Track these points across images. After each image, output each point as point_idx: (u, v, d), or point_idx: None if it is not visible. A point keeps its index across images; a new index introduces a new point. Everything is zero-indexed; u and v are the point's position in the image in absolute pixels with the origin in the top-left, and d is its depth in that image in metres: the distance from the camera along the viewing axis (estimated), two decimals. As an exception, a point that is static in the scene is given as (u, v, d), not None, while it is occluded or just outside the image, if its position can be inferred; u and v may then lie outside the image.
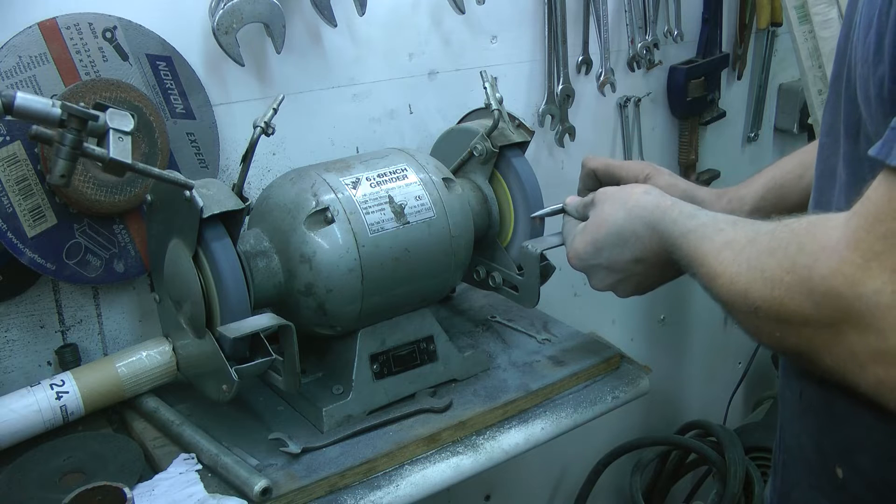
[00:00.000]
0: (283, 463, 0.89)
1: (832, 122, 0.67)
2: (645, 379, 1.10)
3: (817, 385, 0.67)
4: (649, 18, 1.58)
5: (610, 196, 0.89)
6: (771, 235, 0.62)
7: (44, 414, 0.90)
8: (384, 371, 0.99)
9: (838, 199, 0.65)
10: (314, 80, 1.20)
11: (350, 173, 0.98)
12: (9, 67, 0.92)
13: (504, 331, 1.19)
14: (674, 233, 0.77)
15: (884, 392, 0.54)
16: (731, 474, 1.58)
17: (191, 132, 1.06)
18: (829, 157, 0.68)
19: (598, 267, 0.89)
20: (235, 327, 0.84)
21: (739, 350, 2.10)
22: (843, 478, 0.66)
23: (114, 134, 0.80)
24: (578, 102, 1.52)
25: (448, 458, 0.94)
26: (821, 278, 0.55)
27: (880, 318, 0.52)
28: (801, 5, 1.46)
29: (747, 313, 0.63)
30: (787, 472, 0.76)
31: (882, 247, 0.52)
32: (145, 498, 0.82)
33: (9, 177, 0.93)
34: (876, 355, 0.53)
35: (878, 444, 0.63)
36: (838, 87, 0.65)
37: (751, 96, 1.92)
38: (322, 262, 0.92)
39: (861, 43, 0.59)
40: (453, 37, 1.33)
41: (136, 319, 1.10)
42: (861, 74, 0.59)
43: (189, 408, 0.99)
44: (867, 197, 0.54)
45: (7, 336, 1.01)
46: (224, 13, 1.04)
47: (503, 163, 1.10)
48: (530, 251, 1.02)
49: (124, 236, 1.03)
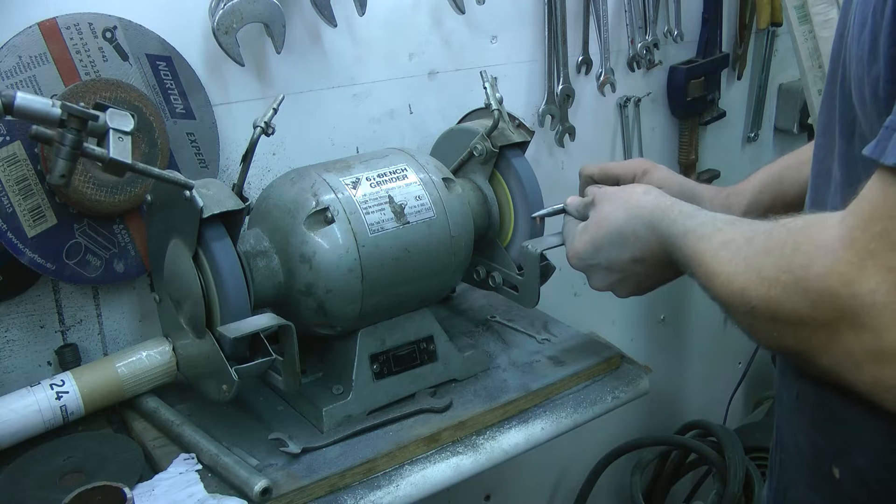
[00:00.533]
0: (283, 463, 0.89)
1: (827, 121, 0.67)
2: (645, 379, 1.10)
3: (814, 385, 0.67)
4: (649, 18, 1.58)
5: (610, 196, 0.89)
6: (767, 235, 0.62)
7: (44, 414, 0.90)
8: (384, 371, 0.99)
9: (833, 199, 0.66)
10: (314, 80, 1.20)
11: (350, 173, 0.98)
12: (9, 67, 0.92)
13: (504, 331, 1.19)
14: (673, 232, 0.77)
15: (879, 391, 0.54)
16: (731, 474, 1.58)
17: (191, 132, 1.06)
18: (825, 157, 0.68)
19: (597, 267, 0.89)
20: (235, 327, 0.84)
21: (739, 350, 2.10)
22: (839, 478, 0.66)
23: (114, 134, 0.80)
24: (578, 102, 1.52)
25: (448, 458, 0.94)
26: (816, 277, 0.55)
27: (875, 317, 0.52)
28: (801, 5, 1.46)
29: (744, 313, 0.63)
30: (784, 471, 0.76)
31: (877, 246, 0.52)
32: (145, 498, 0.82)
33: (9, 177, 0.93)
34: (871, 354, 0.53)
35: (874, 444, 0.63)
36: (833, 87, 0.65)
37: (751, 96, 1.92)
38: (322, 262, 0.92)
39: (855, 42, 0.59)
40: (453, 37, 1.33)
41: (136, 319, 1.10)
42: (856, 74, 0.59)
43: (189, 408, 0.99)
44: (862, 196, 0.54)
45: (7, 336, 1.01)
46: (224, 13, 1.04)
47: (503, 163, 1.10)
48: (530, 251, 1.02)
49: (124, 236, 1.03)
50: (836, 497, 0.67)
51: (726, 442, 1.64)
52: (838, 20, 0.66)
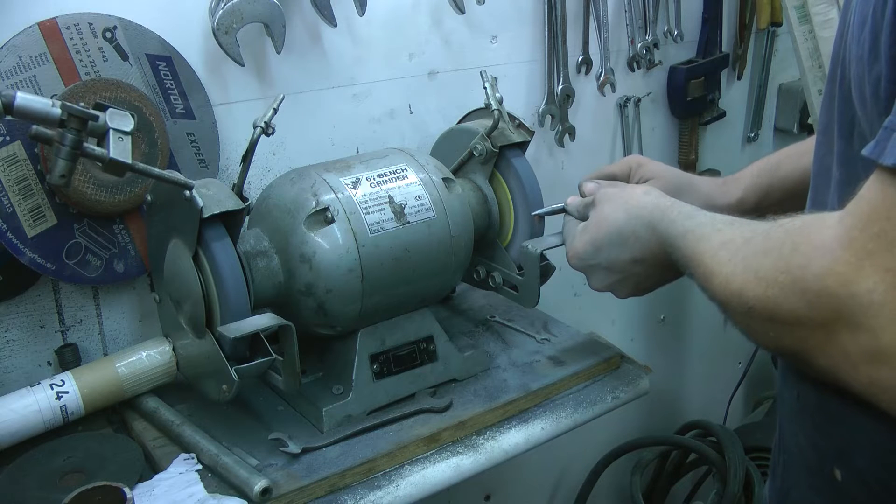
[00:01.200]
0: (283, 463, 0.89)
1: (827, 121, 0.67)
2: (645, 379, 1.10)
3: (814, 387, 0.67)
4: (649, 18, 1.58)
5: (611, 196, 0.89)
6: (766, 235, 0.62)
7: (44, 414, 0.90)
8: (384, 371, 0.99)
9: (832, 199, 0.65)
10: (314, 80, 1.20)
11: (350, 173, 0.98)
12: (9, 67, 0.92)
13: (504, 331, 1.19)
14: (672, 233, 0.77)
15: (876, 392, 0.54)
16: (731, 474, 1.58)
17: (191, 132, 1.06)
18: (824, 157, 0.68)
19: (597, 267, 0.89)
20: (235, 327, 0.84)
21: (739, 350, 2.10)
22: (841, 479, 0.66)
23: (114, 134, 0.80)
24: (578, 102, 1.52)
25: (448, 458, 0.94)
26: (814, 278, 0.55)
27: (872, 318, 0.52)
28: (801, 5, 1.46)
29: (742, 313, 0.63)
30: (786, 472, 0.76)
31: (875, 246, 0.52)
32: (145, 498, 0.82)
33: (9, 177, 0.93)
34: (868, 355, 0.53)
35: (875, 445, 0.62)
36: (833, 86, 0.65)
37: (751, 96, 1.92)
38: (322, 262, 0.92)
39: (855, 41, 0.59)
40: (453, 37, 1.33)
41: (136, 319, 1.10)
42: (856, 73, 0.59)
43: (189, 408, 0.99)
44: (861, 196, 0.54)
45: (7, 336, 1.01)
46: (224, 13, 1.04)
47: (503, 163, 1.10)
48: (530, 251, 1.02)
49: (124, 236, 1.03)
50: (838, 499, 0.67)
51: (726, 442, 1.64)
52: (839, 20, 0.66)
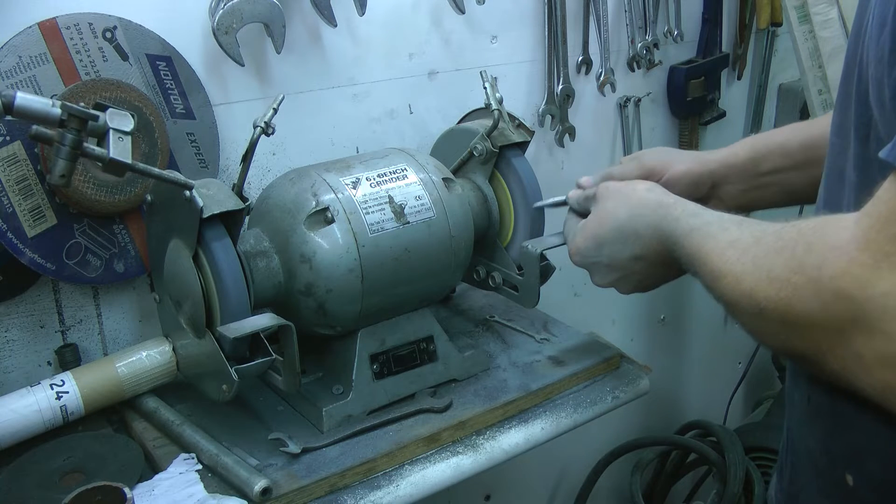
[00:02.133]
0: (283, 463, 0.89)
1: (841, 122, 0.66)
2: (645, 379, 1.10)
3: (826, 392, 0.66)
4: (649, 18, 1.58)
5: (613, 192, 0.88)
6: (777, 235, 0.61)
7: (44, 414, 0.90)
8: (384, 371, 0.99)
9: (847, 200, 0.64)
10: (314, 80, 1.20)
11: (350, 173, 0.98)
12: (9, 67, 0.92)
13: (504, 331, 1.19)
14: (676, 231, 0.76)
15: (890, 396, 0.53)
16: (731, 474, 1.58)
17: (191, 132, 1.06)
18: (838, 157, 0.67)
19: (599, 264, 0.89)
20: (235, 327, 0.84)
21: (739, 350, 2.10)
22: (853, 485, 0.64)
23: (114, 134, 0.80)
24: (578, 102, 1.52)
25: (448, 458, 0.94)
26: (829, 279, 0.54)
27: (888, 321, 0.51)
28: (801, 5, 1.46)
29: (752, 314, 0.61)
30: (795, 474, 0.74)
31: (893, 248, 0.51)
32: (145, 498, 0.82)
33: (9, 177, 0.93)
34: (883, 359, 0.52)
35: (889, 450, 0.61)
36: (849, 87, 0.64)
37: (751, 96, 1.92)
38: (322, 262, 0.92)
39: (874, 42, 0.57)
40: (453, 37, 1.33)
41: (136, 319, 1.10)
42: (874, 75, 0.58)
43: (189, 408, 0.99)
44: (878, 197, 0.53)
45: (7, 336, 1.01)
46: (224, 13, 1.04)
47: (503, 163, 1.10)
48: (530, 251, 1.02)
49: (124, 236, 1.03)
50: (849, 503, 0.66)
51: (726, 442, 1.64)
52: (854, 20, 0.64)
